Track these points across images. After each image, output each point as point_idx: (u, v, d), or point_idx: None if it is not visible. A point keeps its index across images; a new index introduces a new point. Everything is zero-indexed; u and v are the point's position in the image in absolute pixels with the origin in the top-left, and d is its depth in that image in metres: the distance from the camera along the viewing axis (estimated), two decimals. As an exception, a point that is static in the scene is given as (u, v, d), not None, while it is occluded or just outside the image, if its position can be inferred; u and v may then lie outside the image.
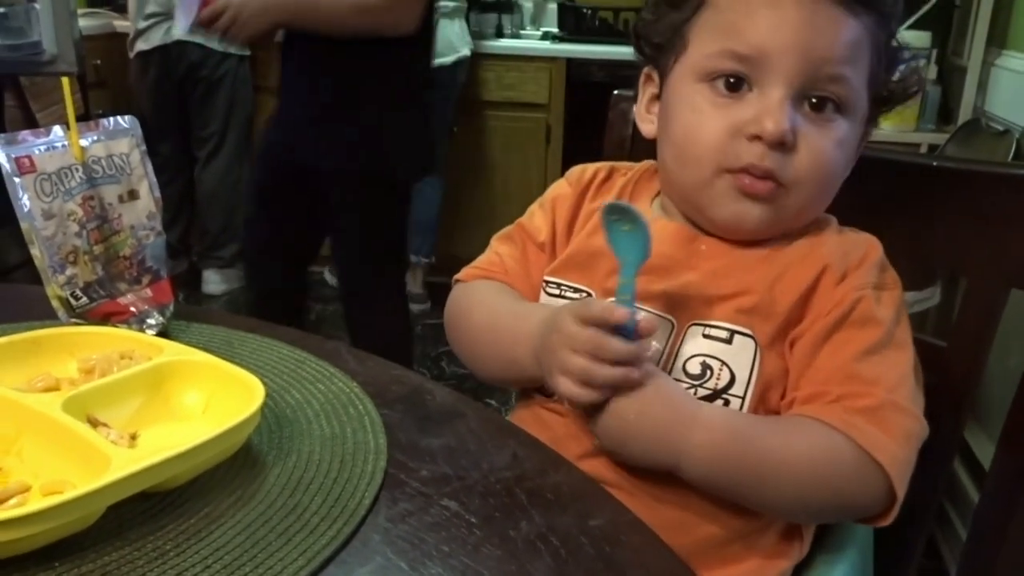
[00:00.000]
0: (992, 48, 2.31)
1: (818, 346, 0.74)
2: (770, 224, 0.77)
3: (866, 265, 0.77)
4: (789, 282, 0.76)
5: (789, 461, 0.70)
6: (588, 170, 0.92)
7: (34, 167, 0.73)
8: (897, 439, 0.70)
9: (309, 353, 0.80)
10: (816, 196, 0.77)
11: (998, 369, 1.60)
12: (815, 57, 0.73)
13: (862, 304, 0.74)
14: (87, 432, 0.58)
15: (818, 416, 0.71)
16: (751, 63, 0.74)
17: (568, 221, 0.89)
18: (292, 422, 0.68)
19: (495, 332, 0.84)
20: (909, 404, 0.72)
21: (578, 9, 3.39)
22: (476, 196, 3.45)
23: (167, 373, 0.68)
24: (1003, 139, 2.03)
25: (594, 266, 0.83)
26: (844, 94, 0.75)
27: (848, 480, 0.70)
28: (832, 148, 0.75)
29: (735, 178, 0.75)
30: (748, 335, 0.75)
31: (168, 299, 0.82)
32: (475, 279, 0.91)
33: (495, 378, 0.88)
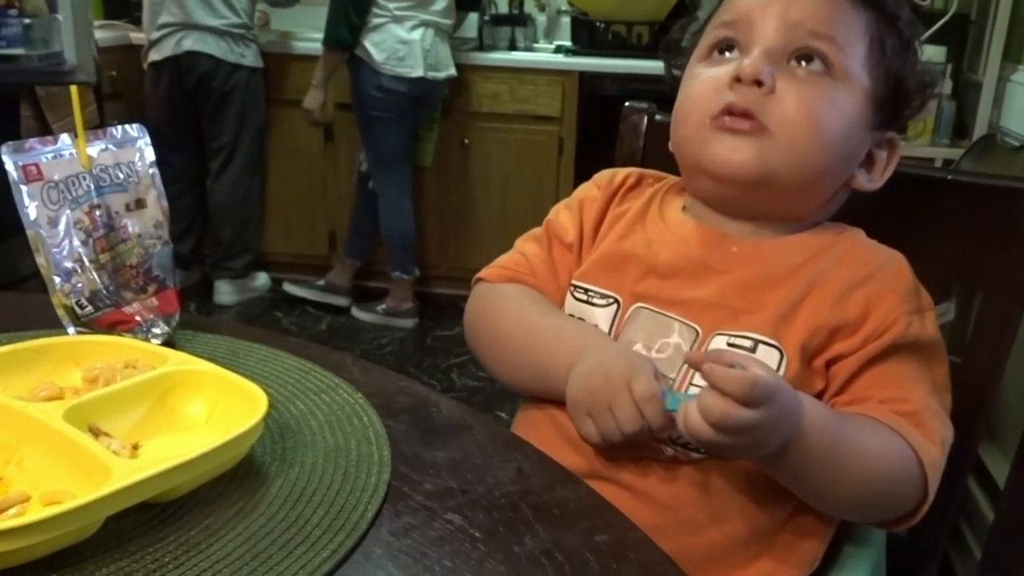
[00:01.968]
0: (1007, 63, 2.30)
1: (864, 367, 0.75)
2: (757, 163, 0.76)
3: (905, 287, 0.77)
4: (819, 297, 0.76)
5: (866, 454, 0.71)
6: (618, 174, 0.92)
7: (41, 175, 0.73)
8: (935, 443, 0.72)
9: (315, 363, 0.79)
10: (808, 149, 0.76)
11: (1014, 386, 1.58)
12: (795, 16, 0.77)
13: (911, 330, 0.75)
14: (88, 442, 0.58)
15: (872, 415, 0.73)
16: (737, 27, 0.79)
17: (595, 223, 0.89)
18: (296, 433, 0.68)
19: (530, 345, 0.83)
20: (941, 411, 0.75)
21: (591, 23, 3.38)
22: (489, 208, 3.44)
23: (171, 383, 0.67)
24: (1019, 154, 2.02)
25: (623, 271, 0.83)
26: (829, 52, 0.77)
27: (902, 478, 0.71)
28: (821, 101, 0.76)
29: (718, 121, 0.78)
30: (774, 345, 0.75)
31: (174, 309, 0.82)
32: (500, 280, 0.90)
33: (520, 387, 0.87)
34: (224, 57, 3.15)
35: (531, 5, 3.76)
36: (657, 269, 0.81)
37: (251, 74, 3.26)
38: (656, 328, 0.79)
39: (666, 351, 0.78)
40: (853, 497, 0.73)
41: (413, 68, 2.98)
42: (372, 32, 2.97)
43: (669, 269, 0.81)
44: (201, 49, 3.11)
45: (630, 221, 0.87)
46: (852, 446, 0.70)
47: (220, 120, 3.26)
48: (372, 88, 3.00)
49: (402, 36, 2.97)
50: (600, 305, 0.83)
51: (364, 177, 3.27)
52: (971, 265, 0.89)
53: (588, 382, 0.74)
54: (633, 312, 0.81)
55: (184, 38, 3.11)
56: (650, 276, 0.81)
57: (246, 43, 3.22)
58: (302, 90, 3.26)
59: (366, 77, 3.00)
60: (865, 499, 0.73)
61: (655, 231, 0.85)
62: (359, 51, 2.98)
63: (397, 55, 2.96)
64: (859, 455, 0.70)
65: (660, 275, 0.81)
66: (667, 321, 0.79)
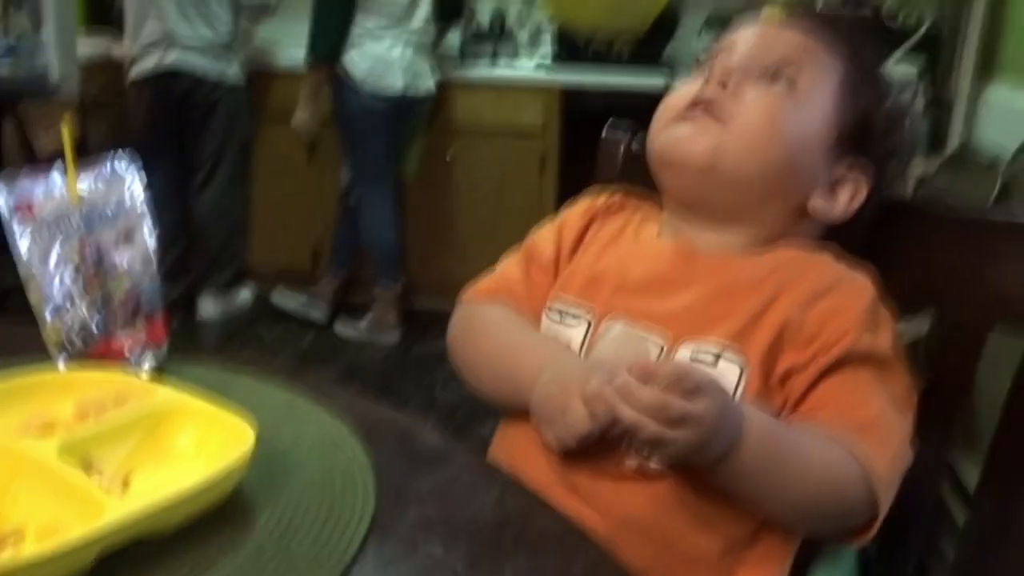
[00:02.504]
0: (980, 79, 2.35)
1: (816, 381, 0.77)
2: (707, 151, 0.82)
3: (864, 302, 0.80)
4: (781, 306, 0.79)
5: (810, 465, 0.73)
6: (602, 196, 0.96)
7: (32, 212, 0.75)
8: (885, 458, 0.74)
9: (300, 393, 0.81)
10: (759, 146, 0.82)
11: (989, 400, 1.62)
12: (770, 44, 0.85)
13: (861, 343, 0.77)
14: (81, 479, 0.59)
15: (820, 427, 0.75)
16: (720, 55, 0.86)
17: (574, 242, 0.93)
18: (282, 464, 0.70)
19: (503, 363, 0.87)
20: (897, 428, 0.77)
21: (573, 38, 3.42)
22: (471, 222, 3.47)
23: (160, 416, 0.69)
24: (990, 170, 2.06)
25: (596, 288, 0.87)
26: (796, 76, 0.83)
27: (848, 489, 0.73)
28: (776, 107, 0.82)
29: (680, 113, 0.85)
30: (735, 359, 0.78)
31: (162, 339, 0.84)
32: (481, 300, 0.94)
33: (497, 402, 0.90)
34: (207, 73, 3.16)
35: (513, 21, 3.79)
36: (627, 285, 0.85)
37: (234, 88, 3.26)
38: (627, 342, 0.83)
39: None
40: (798, 506, 0.74)
41: (393, 84, 3.00)
42: (352, 49, 2.99)
43: (639, 284, 0.85)
44: (184, 65, 3.12)
45: (606, 241, 0.91)
46: (795, 455, 0.72)
47: (203, 135, 3.27)
48: (353, 104, 3.02)
49: (381, 53, 2.99)
50: (572, 325, 0.86)
51: (348, 191, 3.29)
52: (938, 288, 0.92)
53: (546, 391, 0.79)
54: (604, 328, 0.84)
55: (167, 54, 3.11)
56: (621, 292, 0.85)
57: (229, 58, 3.23)
58: (286, 104, 3.27)
59: (348, 93, 3.02)
60: (810, 508, 0.74)
61: (628, 250, 0.89)
62: (339, 68, 3.00)
63: (377, 71, 2.99)
64: (802, 464, 0.72)
65: (630, 290, 0.85)
66: (638, 335, 0.82)
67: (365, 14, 2.97)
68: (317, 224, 3.56)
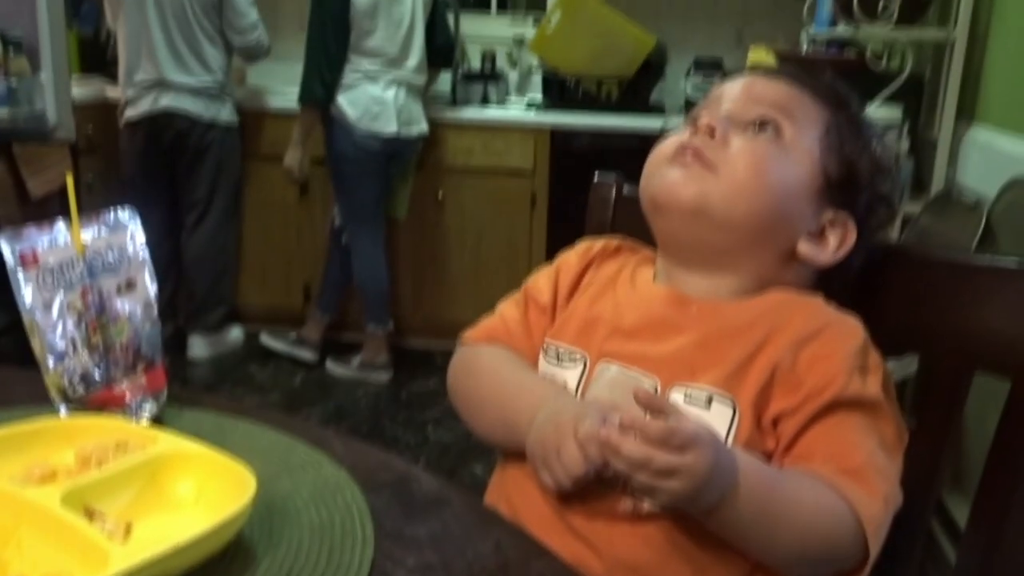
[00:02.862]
0: (961, 122, 2.39)
1: (807, 425, 0.79)
2: (698, 195, 0.84)
3: (852, 347, 0.81)
4: (771, 350, 0.81)
5: (801, 510, 0.74)
6: (599, 242, 0.99)
7: (37, 261, 0.77)
8: (876, 500, 0.75)
9: (298, 439, 0.82)
10: (747, 192, 0.84)
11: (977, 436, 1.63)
12: (757, 93, 0.88)
13: (850, 388, 0.79)
14: (85, 527, 0.60)
15: (811, 472, 0.76)
16: (708, 105, 0.89)
17: (571, 286, 0.95)
18: (282, 511, 0.70)
19: (499, 402, 0.89)
20: (887, 470, 0.78)
21: (562, 80, 3.47)
22: (464, 260, 3.49)
23: (161, 464, 0.70)
24: (974, 211, 2.10)
25: (591, 332, 0.89)
26: (783, 124, 0.86)
27: (839, 533, 0.74)
28: (764, 154, 0.84)
29: (670, 158, 0.87)
30: (727, 402, 0.79)
31: (162, 386, 0.85)
32: (480, 341, 0.96)
33: (493, 441, 0.92)
34: (200, 115, 3.19)
35: (503, 62, 3.85)
36: (622, 329, 0.87)
37: (227, 130, 3.30)
38: (621, 383, 0.84)
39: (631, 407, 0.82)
40: (790, 551, 0.76)
41: (387, 125, 3.04)
42: (346, 90, 3.03)
43: (633, 329, 0.87)
44: (177, 107, 3.15)
45: (601, 287, 0.93)
46: (787, 501, 0.74)
47: (195, 175, 3.29)
48: (346, 145, 3.05)
49: (376, 94, 3.03)
50: (568, 366, 0.88)
51: (337, 232, 3.31)
52: (919, 333, 0.94)
53: (541, 432, 0.80)
54: (599, 370, 0.86)
55: (160, 96, 3.14)
56: (616, 336, 0.87)
57: (222, 100, 3.27)
58: (278, 145, 3.31)
59: (340, 134, 3.06)
60: (802, 553, 0.76)
61: (623, 295, 0.91)
62: (333, 109, 3.03)
63: (371, 113, 3.02)
64: (794, 510, 0.74)
65: (625, 334, 0.87)
66: (631, 378, 0.84)
67: (359, 56, 3.01)
68: (308, 263, 3.58)
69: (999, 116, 2.25)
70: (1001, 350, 0.87)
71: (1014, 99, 2.17)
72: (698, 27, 3.71)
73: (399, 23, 3.04)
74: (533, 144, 3.35)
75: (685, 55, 3.54)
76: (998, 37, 2.30)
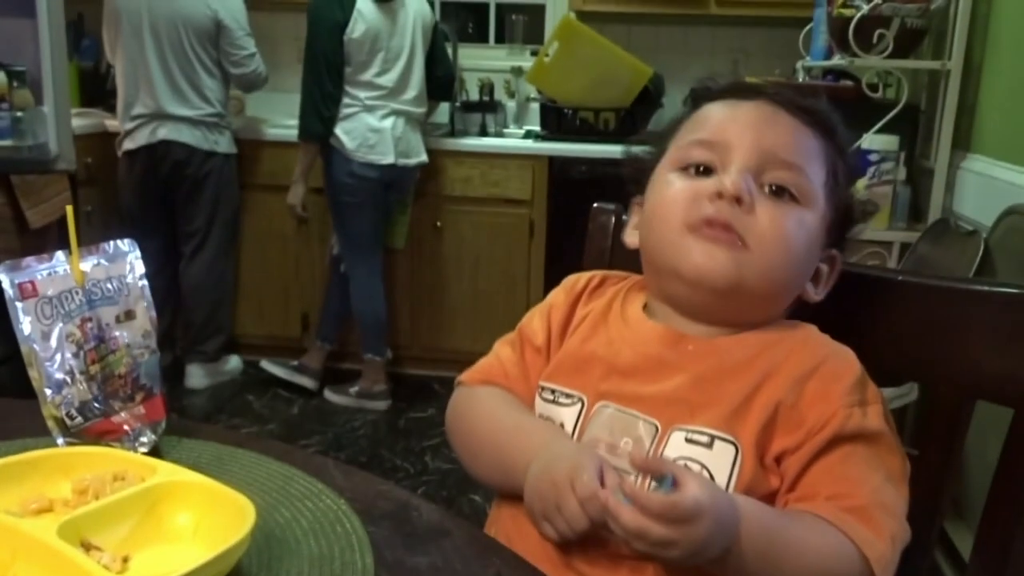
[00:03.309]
0: (958, 151, 2.41)
1: (810, 462, 0.78)
2: (734, 275, 0.81)
3: (849, 381, 0.80)
4: (771, 388, 0.80)
5: (805, 553, 0.73)
6: (582, 278, 0.97)
7: (36, 291, 0.76)
8: (884, 539, 0.74)
9: (297, 469, 0.81)
10: (778, 264, 0.82)
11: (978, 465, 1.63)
12: (769, 144, 0.83)
13: (851, 422, 0.78)
14: (82, 559, 0.60)
15: (816, 513, 0.75)
16: (713, 147, 0.84)
17: (562, 326, 0.93)
18: (281, 542, 0.70)
19: (495, 445, 0.88)
20: (893, 506, 0.77)
21: (560, 110, 3.49)
22: (462, 289, 3.49)
23: (159, 495, 0.70)
24: (971, 238, 2.10)
25: (586, 371, 0.87)
26: (800, 183, 0.83)
27: (844, 572, 0.73)
28: (791, 223, 0.82)
29: (698, 231, 0.82)
30: (729, 441, 0.78)
31: (160, 416, 0.84)
32: (477, 383, 0.95)
33: (490, 484, 0.91)
34: (198, 145, 3.20)
35: (501, 92, 3.88)
36: (618, 368, 0.86)
37: (225, 160, 3.31)
38: (619, 425, 0.83)
39: (629, 447, 0.81)
40: None
41: (384, 155, 3.05)
42: (344, 120, 3.04)
43: (629, 368, 0.85)
44: (175, 138, 3.16)
45: (593, 322, 0.91)
46: (791, 546, 0.73)
47: (193, 205, 3.30)
48: (344, 174, 3.07)
49: (373, 124, 3.05)
50: (566, 405, 0.87)
51: (336, 261, 3.31)
52: (921, 362, 0.94)
53: (538, 486, 0.78)
54: (597, 410, 0.85)
55: (158, 128, 3.16)
56: (612, 375, 0.86)
57: (220, 130, 3.28)
58: (276, 175, 3.32)
59: (338, 163, 3.07)
60: None
61: (616, 331, 0.89)
62: (332, 139, 3.05)
63: (368, 143, 3.04)
64: (798, 554, 0.73)
65: (621, 374, 0.85)
66: (629, 418, 0.83)
67: (356, 88, 3.03)
68: (306, 293, 3.58)
69: (994, 145, 2.26)
70: (1002, 378, 0.87)
71: (1009, 129, 2.19)
72: (695, 59, 3.75)
73: (398, 55, 3.06)
74: (531, 173, 3.37)
75: (682, 85, 3.54)
76: (992, 68, 2.32)
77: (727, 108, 0.88)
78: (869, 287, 0.97)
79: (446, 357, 3.29)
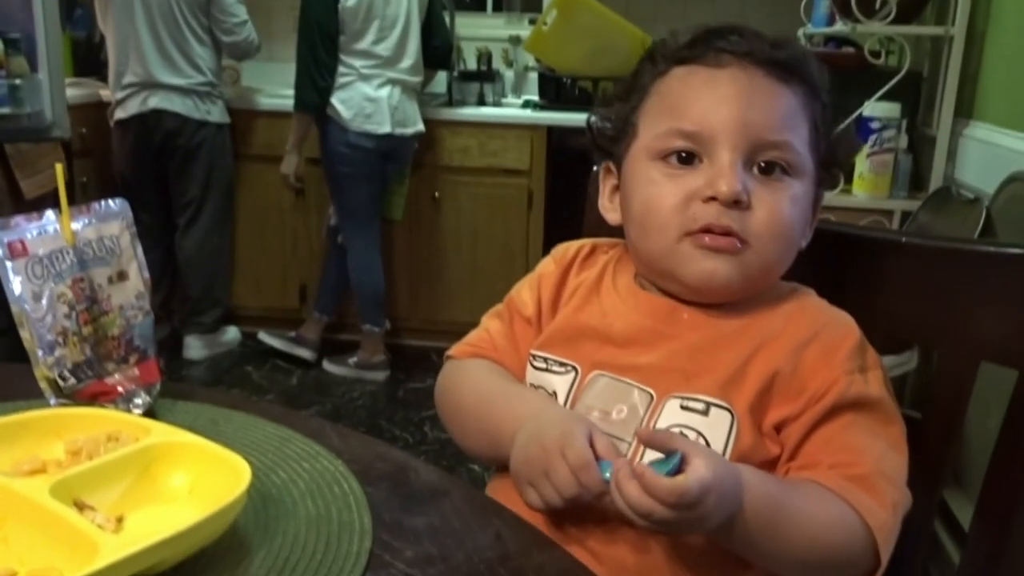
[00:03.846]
0: (960, 118, 2.38)
1: (811, 430, 0.78)
2: (739, 279, 0.79)
3: (849, 347, 0.79)
4: (767, 356, 0.79)
5: (809, 523, 0.72)
6: (572, 247, 0.95)
7: (26, 251, 0.75)
8: (886, 507, 0.74)
9: (294, 431, 0.81)
10: (778, 252, 0.81)
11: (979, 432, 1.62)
12: (755, 125, 0.79)
13: (852, 389, 0.77)
14: (74, 518, 0.59)
15: (818, 481, 0.74)
16: (697, 138, 0.79)
17: (553, 296, 0.92)
18: (278, 502, 0.69)
19: (482, 414, 0.87)
20: (895, 474, 0.76)
21: (558, 79, 3.46)
22: (461, 260, 3.48)
23: (154, 455, 0.69)
24: (973, 206, 2.08)
25: (580, 341, 0.86)
26: (789, 157, 0.80)
27: (848, 543, 0.73)
28: (787, 205, 0.80)
29: (697, 239, 0.79)
30: (725, 408, 0.78)
31: (155, 378, 0.83)
32: (466, 356, 0.94)
33: (478, 455, 0.90)
34: (190, 114, 3.17)
35: (499, 62, 3.84)
36: (612, 339, 0.84)
37: (218, 130, 3.28)
38: (613, 393, 0.82)
39: (622, 415, 0.81)
40: (799, 563, 0.74)
41: (380, 125, 3.03)
42: (340, 90, 3.01)
43: (623, 339, 0.84)
44: (167, 107, 3.14)
45: (585, 292, 0.90)
46: (794, 515, 0.72)
47: (187, 176, 3.28)
48: (340, 144, 3.04)
49: (369, 94, 3.02)
50: (559, 373, 0.86)
51: (333, 232, 3.29)
52: (926, 325, 0.93)
53: (526, 452, 0.76)
54: (591, 379, 0.84)
55: (149, 97, 3.13)
56: (606, 345, 0.84)
57: (212, 100, 3.25)
58: (271, 145, 3.29)
59: (334, 134, 3.04)
60: (812, 564, 0.74)
61: (609, 302, 0.88)
62: (328, 109, 3.02)
63: (364, 112, 3.01)
64: (801, 523, 0.72)
65: (615, 344, 0.84)
66: (623, 386, 0.82)
67: (351, 57, 3.00)
68: (304, 265, 3.56)
69: (997, 112, 2.24)
70: (1008, 340, 0.86)
71: (1012, 95, 2.16)
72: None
73: (393, 23, 3.03)
74: (530, 143, 3.34)
75: (681, 53, 3.52)
76: (996, 34, 2.29)
77: (701, 85, 0.81)
78: (874, 250, 0.96)
79: (445, 328, 3.28)
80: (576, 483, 0.72)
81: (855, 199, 2.44)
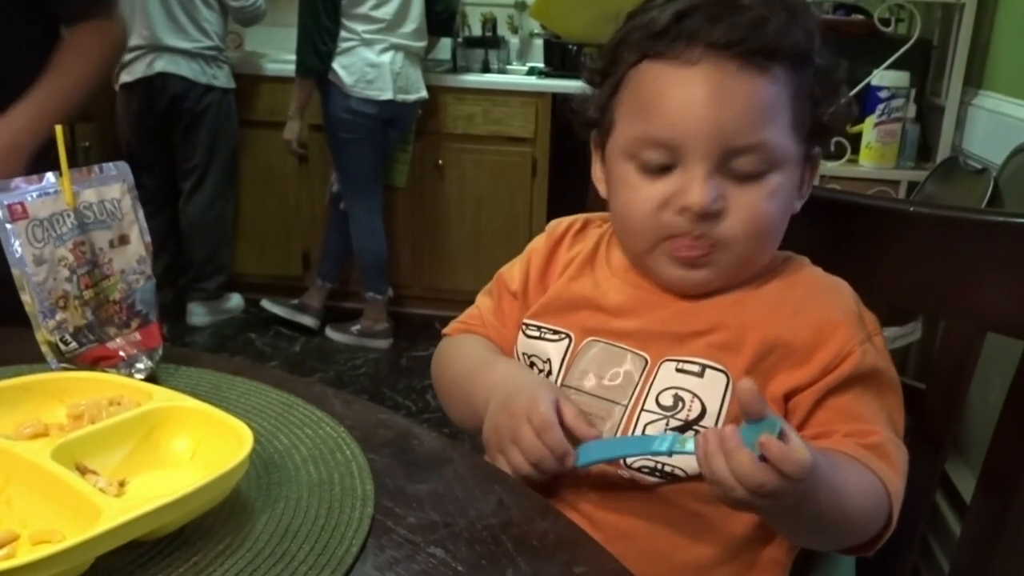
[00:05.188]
0: (969, 88, 2.36)
1: (823, 400, 0.78)
2: (717, 279, 0.81)
3: (852, 315, 0.79)
4: (764, 323, 0.79)
5: (856, 493, 0.72)
6: (563, 223, 0.96)
7: (26, 213, 0.74)
8: (898, 472, 0.75)
9: (297, 397, 0.80)
10: (756, 247, 0.80)
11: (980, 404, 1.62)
12: (727, 131, 0.75)
13: (867, 359, 0.77)
14: (76, 481, 0.59)
15: (843, 451, 0.74)
16: (669, 146, 0.77)
17: (541, 270, 0.92)
18: (280, 468, 0.69)
19: (464, 386, 0.89)
20: (899, 442, 0.78)
21: (563, 45, 3.43)
22: (464, 228, 3.47)
23: (156, 420, 0.68)
24: (981, 177, 2.07)
25: (573, 310, 0.87)
26: (765, 157, 0.77)
27: (876, 511, 0.74)
28: (764, 202, 0.78)
29: (671, 246, 0.79)
30: (720, 370, 0.78)
31: (157, 343, 0.83)
32: (458, 333, 0.97)
33: (467, 427, 0.91)
34: (196, 78, 3.15)
35: (504, 28, 3.80)
36: (605, 308, 0.85)
37: (223, 95, 3.26)
38: (607, 358, 0.83)
39: (617, 379, 0.81)
40: (833, 532, 0.74)
41: (382, 91, 3.00)
42: (341, 55, 2.99)
43: (616, 308, 0.85)
44: (173, 71, 3.11)
45: (580, 264, 0.90)
46: (844, 487, 0.71)
47: (192, 141, 3.26)
48: (342, 110, 3.02)
49: (371, 59, 2.99)
50: (552, 340, 0.86)
51: (336, 199, 3.28)
52: (932, 294, 0.92)
53: (495, 420, 0.78)
54: (585, 345, 0.84)
55: (155, 60, 3.10)
56: (598, 313, 0.85)
57: (218, 64, 3.22)
58: (275, 111, 3.27)
59: (336, 99, 3.02)
60: (843, 533, 0.74)
61: (602, 275, 0.88)
62: (329, 74, 2.99)
63: (366, 78, 2.99)
64: (849, 494, 0.71)
65: (608, 312, 0.85)
66: (617, 351, 0.83)
67: (353, 21, 2.97)
68: (307, 231, 3.55)
69: (1007, 82, 2.21)
70: (1015, 310, 0.85)
71: (1022, 65, 2.14)
72: (702, -7, 3.66)
73: (395, -13, 3.00)
74: (535, 111, 3.32)
75: (689, 21, 3.48)
76: (1007, 2, 2.26)
77: (671, 87, 0.77)
78: (880, 219, 0.95)
79: (448, 296, 3.28)
80: (540, 445, 0.73)
81: (862, 169, 2.41)
